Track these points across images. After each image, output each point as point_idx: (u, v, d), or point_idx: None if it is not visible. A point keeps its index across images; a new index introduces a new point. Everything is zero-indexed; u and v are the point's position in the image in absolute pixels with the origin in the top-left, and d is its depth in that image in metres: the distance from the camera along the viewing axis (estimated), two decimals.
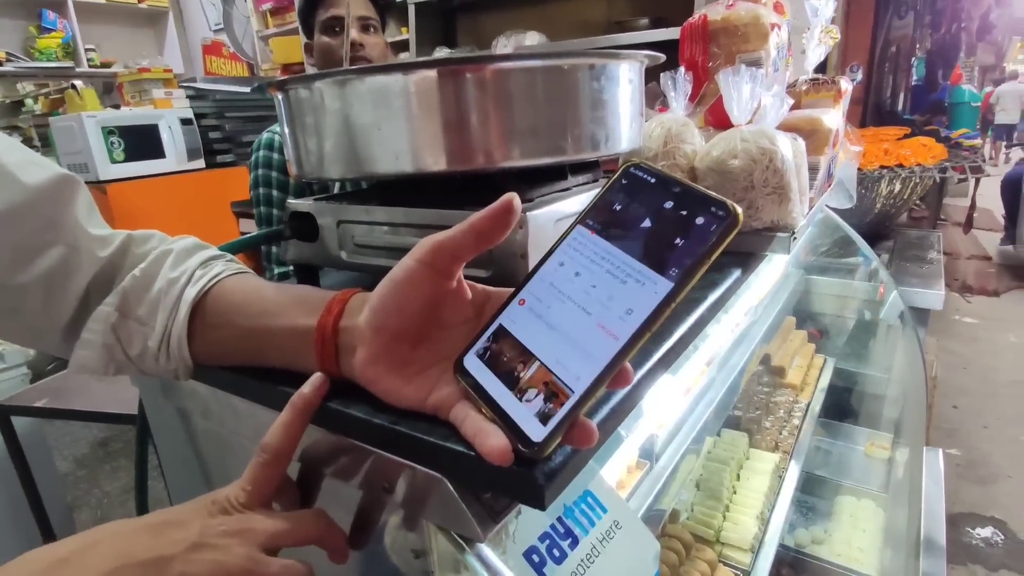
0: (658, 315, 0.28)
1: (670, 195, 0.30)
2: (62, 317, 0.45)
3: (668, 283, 0.28)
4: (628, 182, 0.32)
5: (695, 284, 0.28)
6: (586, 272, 0.31)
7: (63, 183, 0.45)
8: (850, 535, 1.14)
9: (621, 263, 0.30)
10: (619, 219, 0.31)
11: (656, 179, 0.31)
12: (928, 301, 1.43)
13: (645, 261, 0.29)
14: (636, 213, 0.30)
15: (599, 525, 0.41)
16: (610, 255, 0.30)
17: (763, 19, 0.79)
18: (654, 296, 0.28)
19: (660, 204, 0.30)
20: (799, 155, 0.73)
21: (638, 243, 0.30)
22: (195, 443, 0.60)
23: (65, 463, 2.49)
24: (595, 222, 0.32)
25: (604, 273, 0.30)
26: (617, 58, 0.53)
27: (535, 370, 0.30)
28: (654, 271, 0.28)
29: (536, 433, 0.28)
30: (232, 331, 0.44)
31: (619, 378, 0.29)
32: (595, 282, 0.30)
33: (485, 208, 0.33)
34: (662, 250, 0.29)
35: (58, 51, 3.95)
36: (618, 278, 0.29)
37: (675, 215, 0.29)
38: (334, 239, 0.58)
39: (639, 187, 0.31)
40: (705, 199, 0.29)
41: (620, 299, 0.29)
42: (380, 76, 0.48)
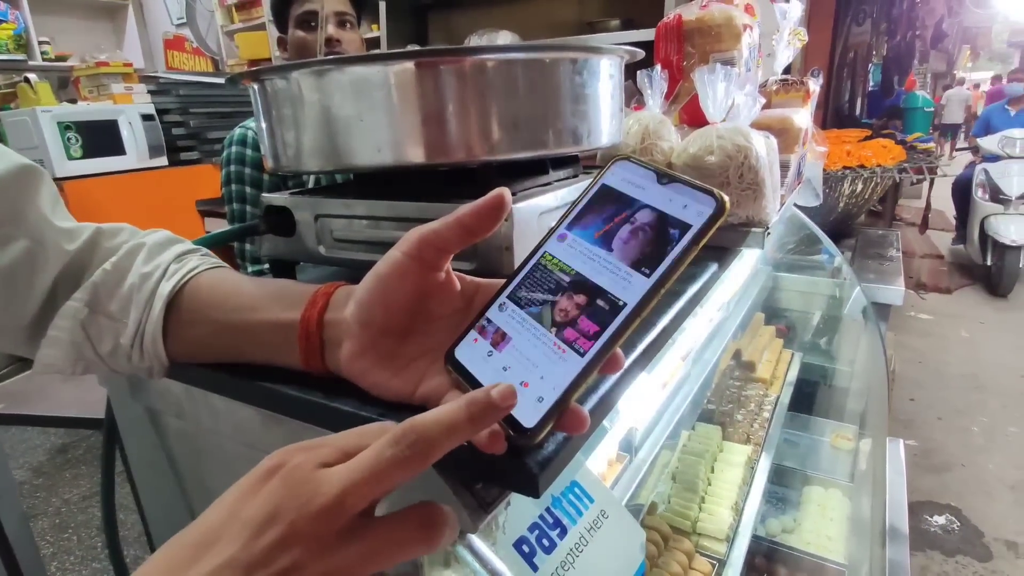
0: (646, 303, 0.28)
1: (658, 186, 0.30)
2: (26, 314, 0.43)
3: (655, 272, 0.28)
4: (616, 176, 0.33)
5: (681, 272, 0.29)
6: (576, 263, 0.31)
7: (24, 173, 0.43)
8: (819, 524, 1.18)
9: (610, 253, 0.30)
10: (608, 211, 0.32)
11: (644, 171, 0.31)
12: (889, 297, 1.48)
13: (634, 251, 0.29)
14: (625, 205, 0.31)
15: (587, 515, 0.42)
16: (599, 245, 0.31)
17: (736, 20, 0.81)
18: (642, 285, 0.28)
19: (649, 195, 0.30)
20: (771, 152, 0.75)
21: (627, 233, 0.30)
22: (167, 445, 0.58)
23: (21, 471, 2.38)
24: (585, 214, 0.32)
25: (594, 263, 0.30)
26: (599, 52, 0.54)
27: (526, 358, 0.30)
28: (642, 261, 0.29)
29: (528, 419, 0.28)
30: (209, 327, 0.43)
31: (611, 363, 0.29)
32: (585, 272, 0.30)
33: (474, 201, 0.33)
34: (650, 240, 0.29)
35: (9, 43, 3.78)
36: (608, 268, 0.30)
37: (664, 206, 0.30)
38: (312, 234, 0.57)
39: (628, 180, 0.32)
40: (692, 188, 0.29)
41: (609, 288, 0.29)
42: (360, 67, 0.47)
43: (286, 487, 0.24)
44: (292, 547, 0.23)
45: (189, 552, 0.24)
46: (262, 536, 0.23)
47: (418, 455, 0.24)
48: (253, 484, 0.25)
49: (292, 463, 0.25)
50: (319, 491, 0.24)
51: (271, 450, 0.26)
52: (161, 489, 0.61)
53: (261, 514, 0.24)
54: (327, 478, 0.24)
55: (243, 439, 0.47)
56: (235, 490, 0.25)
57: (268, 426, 0.44)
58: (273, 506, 0.24)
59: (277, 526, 0.23)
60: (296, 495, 0.24)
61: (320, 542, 0.24)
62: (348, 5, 1.34)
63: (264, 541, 0.23)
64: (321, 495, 0.24)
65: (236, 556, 0.23)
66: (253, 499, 0.24)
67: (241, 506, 0.24)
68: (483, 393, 0.26)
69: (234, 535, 0.24)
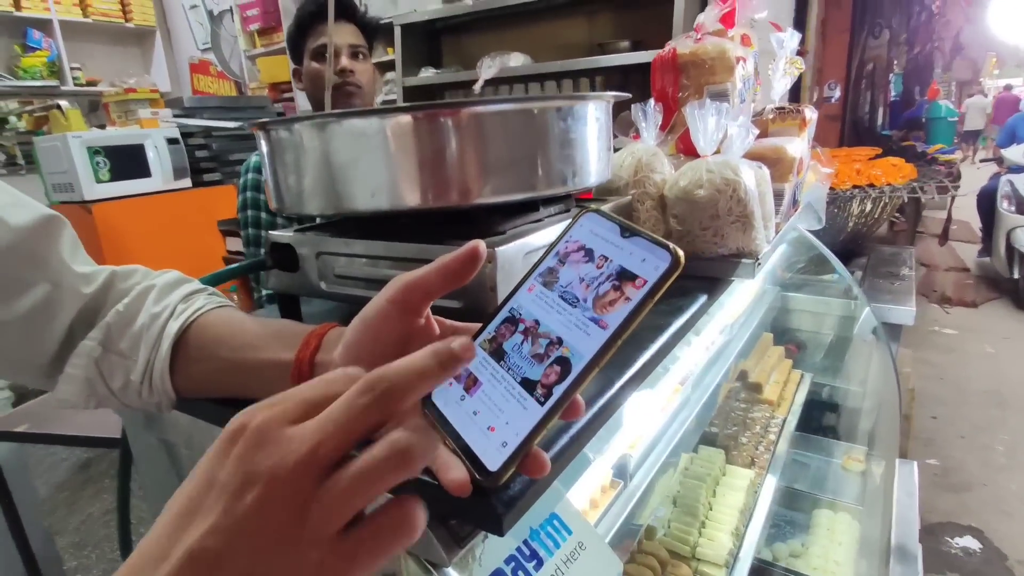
0: (602, 356, 0.30)
1: (621, 239, 0.32)
2: (45, 353, 0.46)
3: (611, 326, 0.30)
4: (584, 228, 0.34)
5: (638, 324, 0.30)
6: (541, 313, 0.33)
7: (48, 223, 0.46)
8: (827, 548, 1.17)
9: (572, 305, 0.32)
10: (573, 263, 0.33)
11: (609, 224, 0.33)
12: (900, 317, 1.47)
13: (593, 304, 0.31)
14: (589, 258, 0.33)
15: (564, 547, 0.43)
16: (563, 297, 0.32)
17: (729, 53, 0.83)
18: (600, 337, 0.30)
19: (612, 249, 0.32)
20: (763, 183, 0.76)
21: (588, 286, 0.32)
22: (179, 473, 0.61)
23: (45, 487, 2.45)
24: (552, 266, 0.34)
25: (557, 315, 0.32)
26: (584, 100, 0.56)
27: (494, 403, 0.32)
28: (601, 313, 0.30)
29: (493, 463, 0.30)
30: (214, 364, 0.46)
31: (570, 411, 0.31)
32: (549, 323, 0.32)
33: (454, 252, 0.35)
34: (608, 293, 0.31)
35: (43, 70, 3.95)
36: (569, 320, 0.32)
37: (624, 259, 0.31)
38: (314, 270, 0.60)
39: (594, 232, 0.34)
40: (650, 243, 0.31)
41: (569, 340, 0.31)
42: (359, 120, 0.51)
43: (256, 447, 0.24)
44: (272, 506, 0.23)
45: (172, 524, 0.24)
46: (240, 499, 0.23)
47: (389, 401, 0.25)
48: (222, 449, 0.25)
49: (256, 422, 0.25)
50: (290, 448, 0.24)
51: None
52: None
53: (236, 478, 0.23)
54: (298, 434, 0.24)
55: None
56: (205, 459, 0.25)
57: None
58: (246, 468, 0.24)
59: (254, 487, 0.23)
60: (268, 454, 0.24)
61: (299, 497, 0.23)
62: (360, 37, 1.39)
63: (243, 504, 0.23)
64: (293, 451, 0.23)
65: (217, 523, 0.23)
66: (225, 464, 0.24)
67: (215, 473, 0.24)
68: (445, 343, 0.27)
69: (212, 502, 0.24)
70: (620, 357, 0.50)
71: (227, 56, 4.25)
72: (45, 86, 3.94)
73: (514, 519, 0.33)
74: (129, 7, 4.37)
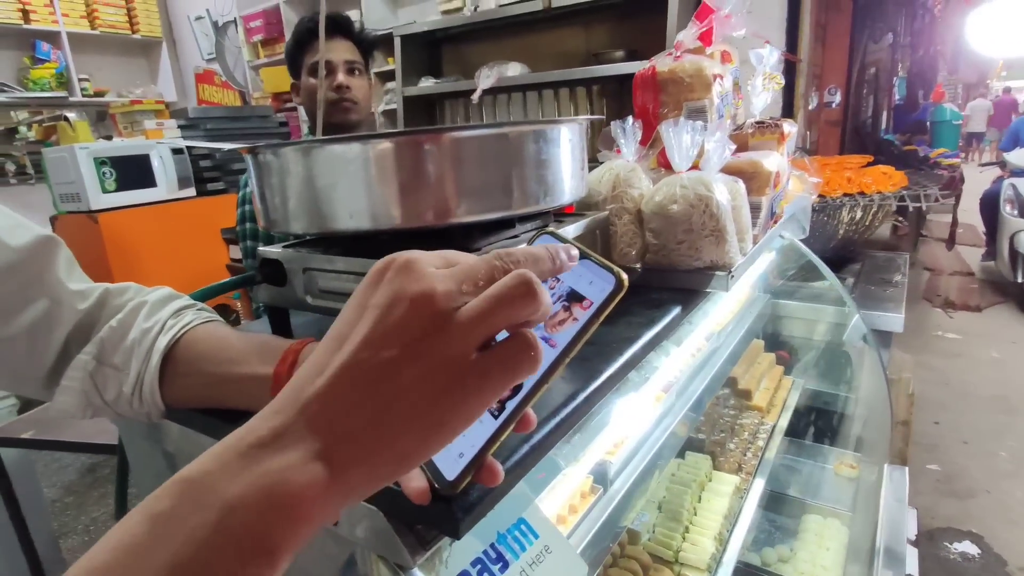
0: (550, 373, 0.32)
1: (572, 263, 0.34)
2: (44, 365, 0.49)
3: (559, 345, 0.32)
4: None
5: (585, 343, 0.32)
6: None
7: (45, 244, 0.50)
8: (815, 553, 1.18)
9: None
10: None
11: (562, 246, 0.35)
12: (889, 324, 1.48)
13: (543, 322, 0.33)
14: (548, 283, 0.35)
15: (530, 550, 0.46)
16: None
17: (706, 71, 0.85)
18: (549, 355, 0.32)
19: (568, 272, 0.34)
20: (739, 197, 0.79)
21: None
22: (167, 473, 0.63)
23: (53, 490, 2.49)
24: None
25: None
26: (557, 123, 0.59)
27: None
28: (550, 332, 0.33)
29: (450, 472, 0.33)
30: (200, 377, 0.48)
31: (522, 424, 0.34)
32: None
33: None
34: (558, 313, 0.33)
35: (51, 81, 4.02)
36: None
37: (573, 281, 0.33)
38: (300, 284, 0.63)
39: None
40: (599, 266, 0.33)
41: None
42: (340, 146, 0.53)
43: (406, 274, 0.26)
44: (419, 320, 0.25)
45: (329, 345, 0.27)
46: (390, 314, 0.25)
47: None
48: (371, 280, 0.27)
49: (404, 257, 0.27)
50: (437, 278, 0.26)
51: None
52: None
53: (386, 297, 0.26)
54: (443, 272, 0.27)
55: None
56: (357, 291, 0.28)
57: None
58: (396, 288, 0.26)
59: (403, 304, 0.25)
60: (417, 279, 0.26)
61: (441, 318, 0.25)
62: (357, 53, 1.42)
63: (392, 318, 0.25)
64: (440, 281, 0.26)
65: (368, 336, 0.25)
66: (376, 289, 0.27)
67: (366, 298, 0.27)
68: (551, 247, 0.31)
69: (366, 320, 0.26)
70: (587, 368, 0.53)
71: (231, 66, 4.31)
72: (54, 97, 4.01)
73: (471, 524, 0.35)
74: (136, 18, 4.45)
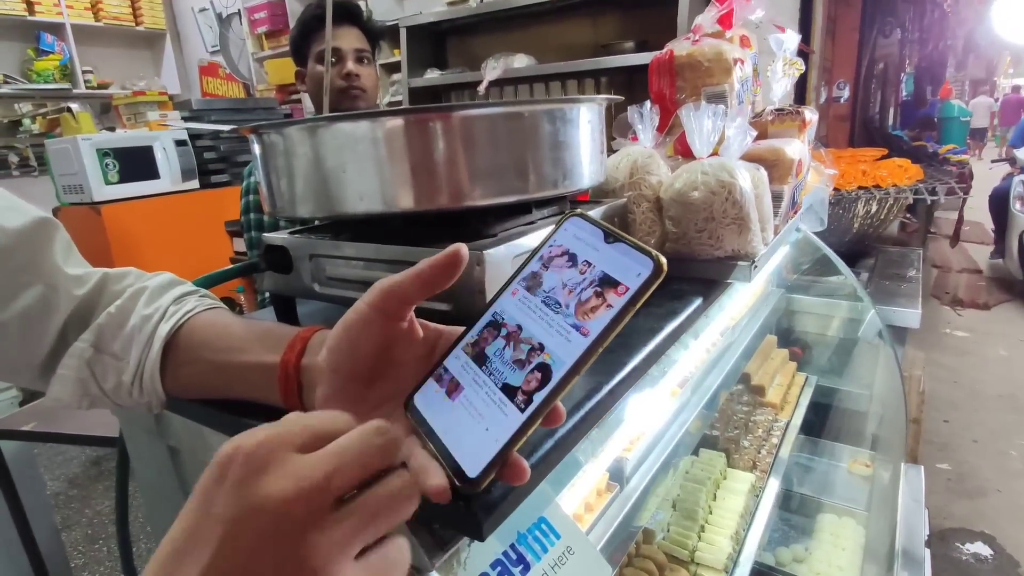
0: (583, 363, 0.29)
1: (604, 245, 0.31)
2: (39, 353, 0.47)
3: (592, 333, 0.29)
4: (568, 232, 0.33)
5: (619, 331, 0.30)
6: (523, 319, 0.33)
7: (41, 226, 0.47)
8: (830, 554, 1.15)
9: (554, 311, 0.31)
10: (556, 269, 0.33)
11: (593, 229, 0.32)
12: (906, 320, 1.45)
13: (575, 310, 0.31)
14: (572, 263, 0.32)
15: (552, 551, 0.43)
16: (545, 302, 0.32)
17: (726, 55, 0.82)
18: (581, 344, 0.30)
19: (595, 255, 0.31)
20: (761, 185, 0.76)
21: (570, 292, 0.31)
22: (172, 471, 0.61)
23: (57, 483, 2.48)
24: (535, 270, 0.34)
25: (539, 320, 0.32)
26: (576, 103, 0.56)
27: (476, 409, 0.32)
28: (582, 320, 0.30)
29: (472, 469, 0.30)
30: (202, 366, 0.46)
31: (551, 418, 0.31)
32: (531, 329, 0.32)
33: (433, 257, 0.35)
34: (590, 299, 0.30)
35: (55, 73, 4.00)
36: (551, 326, 0.31)
37: (606, 265, 0.31)
38: (307, 272, 0.60)
39: (578, 237, 0.33)
40: (634, 249, 0.30)
41: (550, 346, 0.30)
42: (349, 124, 0.51)
43: (259, 471, 0.22)
44: (278, 540, 0.21)
45: (171, 561, 0.22)
46: (240, 532, 0.21)
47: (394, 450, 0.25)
48: (215, 475, 0.22)
49: (255, 444, 0.23)
50: (302, 473, 0.22)
51: None
52: (168, 510, 0.64)
53: (233, 507, 0.21)
54: (309, 460, 0.22)
55: None
56: (198, 488, 0.23)
57: None
58: (247, 494, 0.21)
59: (257, 517, 0.21)
60: (275, 479, 0.21)
61: (307, 530, 0.21)
62: (364, 41, 1.40)
63: (244, 538, 0.21)
64: (305, 477, 0.22)
65: (212, 563, 0.21)
66: (220, 491, 0.22)
67: (209, 503, 0.22)
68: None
69: (206, 537, 0.21)
70: (609, 361, 0.50)
71: (235, 58, 4.28)
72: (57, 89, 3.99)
73: (494, 525, 0.32)
74: (140, 10, 4.42)
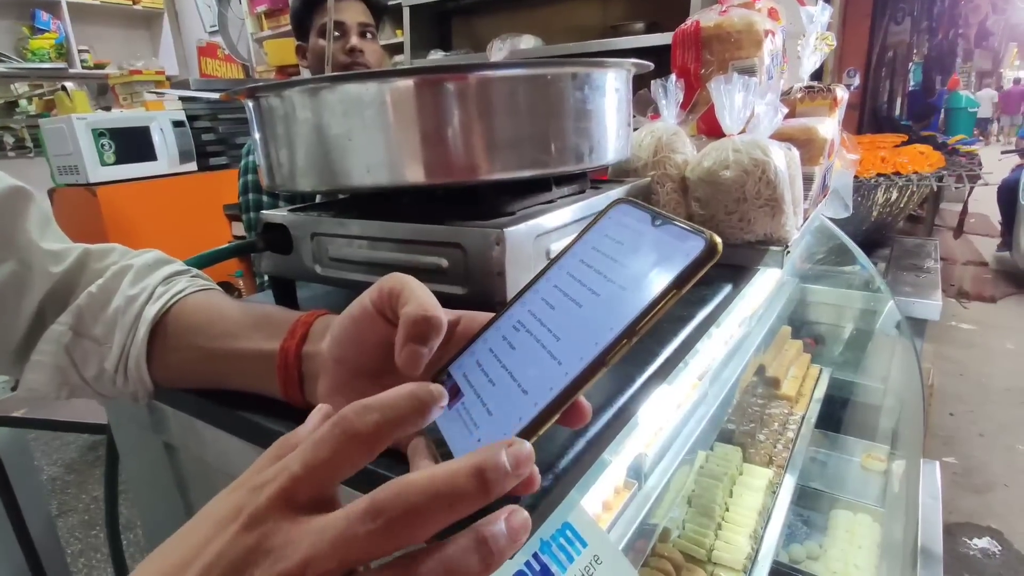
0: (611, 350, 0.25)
1: (652, 229, 0.28)
2: (13, 338, 0.42)
3: (629, 317, 0.26)
4: (613, 219, 0.31)
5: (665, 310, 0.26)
6: (558, 309, 0.29)
7: (12, 196, 0.42)
8: (846, 551, 1.12)
9: (595, 292, 0.28)
10: (598, 252, 0.30)
11: (640, 214, 0.30)
12: (925, 311, 1.41)
13: (616, 296, 0.27)
14: (617, 250, 0.29)
15: (578, 561, 0.39)
16: (581, 290, 0.29)
17: (757, 25, 0.77)
18: (608, 334, 0.26)
19: (642, 239, 0.28)
20: (793, 166, 0.71)
21: (612, 279, 0.28)
22: (161, 464, 0.57)
23: (54, 468, 2.46)
24: (575, 259, 0.30)
25: (573, 309, 0.28)
26: (603, 66, 0.51)
27: (484, 410, 0.28)
28: (621, 306, 0.26)
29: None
30: (193, 352, 0.41)
31: (575, 417, 0.27)
32: (560, 322, 0.28)
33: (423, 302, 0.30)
34: (634, 284, 0.27)
35: (51, 52, 3.92)
36: (584, 313, 0.28)
37: (655, 248, 0.28)
38: (308, 252, 0.55)
39: (624, 223, 0.30)
40: (684, 230, 0.27)
41: (578, 336, 0.27)
42: (355, 85, 0.46)
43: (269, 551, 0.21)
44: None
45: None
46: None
47: (401, 534, 0.20)
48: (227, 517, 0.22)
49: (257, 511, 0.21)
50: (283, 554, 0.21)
51: None
52: (156, 505, 0.60)
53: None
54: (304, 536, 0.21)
55: (225, 468, 0.46)
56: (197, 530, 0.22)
57: (249, 456, 0.42)
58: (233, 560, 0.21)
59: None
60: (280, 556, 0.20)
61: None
62: (369, 16, 1.35)
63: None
64: (285, 559, 0.20)
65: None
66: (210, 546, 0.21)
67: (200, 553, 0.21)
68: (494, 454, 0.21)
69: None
70: (641, 352, 0.46)
71: (235, 39, 4.19)
72: (53, 68, 3.92)
73: None
74: None
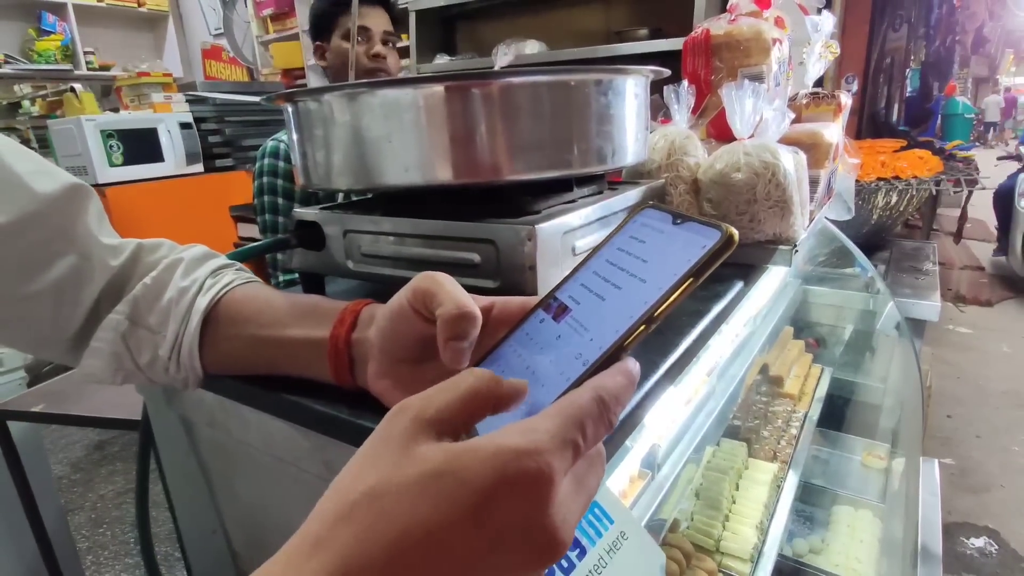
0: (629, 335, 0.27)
1: (673, 227, 0.30)
2: (71, 326, 0.45)
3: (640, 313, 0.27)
4: (638, 222, 0.33)
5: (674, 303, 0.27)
6: (585, 304, 0.31)
7: (74, 192, 0.45)
8: (848, 545, 1.15)
9: (618, 287, 0.30)
10: (623, 252, 0.31)
11: (662, 215, 0.31)
12: (924, 312, 1.44)
13: (638, 290, 0.29)
14: (643, 248, 0.31)
15: (606, 536, 0.42)
16: (609, 288, 0.30)
17: (765, 34, 0.80)
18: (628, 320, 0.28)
19: (664, 238, 0.30)
20: (800, 169, 0.74)
21: (638, 275, 0.30)
22: (199, 452, 0.60)
23: (60, 466, 2.47)
24: (602, 254, 0.32)
25: (600, 305, 0.30)
26: (624, 73, 0.54)
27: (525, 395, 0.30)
28: (643, 300, 0.28)
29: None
30: (244, 341, 0.44)
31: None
32: (587, 318, 0.30)
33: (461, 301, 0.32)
34: (655, 278, 0.29)
35: (57, 53, 3.95)
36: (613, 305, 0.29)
37: (674, 246, 0.29)
38: (340, 248, 0.58)
39: (648, 225, 0.32)
40: (702, 225, 0.29)
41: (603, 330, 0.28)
42: (391, 90, 0.49)
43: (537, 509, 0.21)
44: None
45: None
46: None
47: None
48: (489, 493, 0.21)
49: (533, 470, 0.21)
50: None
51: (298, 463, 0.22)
52: (192, 494, 0.63)
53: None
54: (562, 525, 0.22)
55: (271, 451, 0.49)
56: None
57: (295, 439, 0.45)
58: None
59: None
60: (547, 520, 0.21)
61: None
62: (391, 25, 1.39)
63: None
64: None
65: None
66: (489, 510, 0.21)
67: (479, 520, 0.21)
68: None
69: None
70: (661, 342, 0.48)
71: (239, 42, 4.22)
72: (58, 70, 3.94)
73: None
74: None
